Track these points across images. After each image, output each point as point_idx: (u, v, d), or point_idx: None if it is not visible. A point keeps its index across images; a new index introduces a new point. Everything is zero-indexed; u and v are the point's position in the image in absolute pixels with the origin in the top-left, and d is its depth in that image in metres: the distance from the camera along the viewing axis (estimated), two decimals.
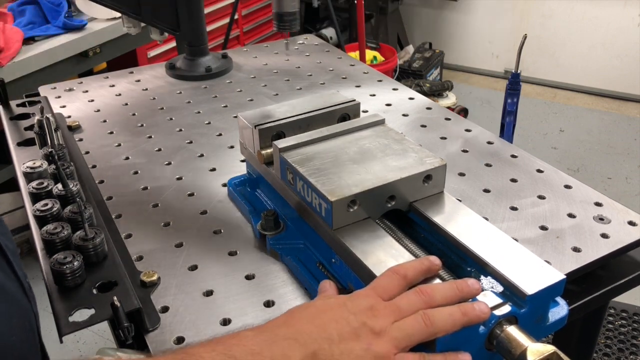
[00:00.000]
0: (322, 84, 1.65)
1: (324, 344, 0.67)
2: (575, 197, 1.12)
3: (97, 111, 1.51)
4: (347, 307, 0.71)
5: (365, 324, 0.69)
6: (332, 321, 0.69)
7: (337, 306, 0.72)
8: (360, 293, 0.75)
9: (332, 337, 0.68)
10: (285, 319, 0.71)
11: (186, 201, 1.15)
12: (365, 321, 0.69)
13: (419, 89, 3.77)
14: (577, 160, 3.73)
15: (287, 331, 0.69)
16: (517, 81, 1.52)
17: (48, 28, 2.65)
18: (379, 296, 0.73)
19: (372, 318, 0.70)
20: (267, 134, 1.02)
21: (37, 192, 1.05)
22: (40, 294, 0.84)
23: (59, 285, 0.86)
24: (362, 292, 0.75)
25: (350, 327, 0.69)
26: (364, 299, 0.73)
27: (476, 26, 4.81)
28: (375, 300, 0.72)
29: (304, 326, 0.69)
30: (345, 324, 0.69)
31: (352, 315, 0.70)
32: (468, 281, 0.74)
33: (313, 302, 0.75)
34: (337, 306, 0.72)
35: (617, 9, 4.22)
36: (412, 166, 0.91)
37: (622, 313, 2.02)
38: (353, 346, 0.67)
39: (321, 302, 0.74)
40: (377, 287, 0.74)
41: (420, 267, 0.77)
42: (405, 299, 0.73)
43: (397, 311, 0.71)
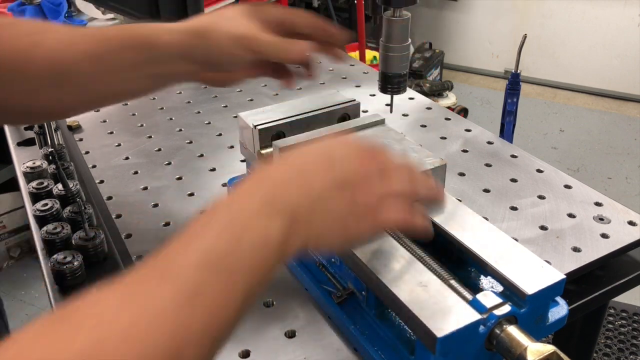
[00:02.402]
0: (322, 84, 1.65)
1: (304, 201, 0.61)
2: (575, 197, 1.12)
3: (97, 111, 1.51)
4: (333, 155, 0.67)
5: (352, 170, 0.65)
6: (315, 169, 0.64)
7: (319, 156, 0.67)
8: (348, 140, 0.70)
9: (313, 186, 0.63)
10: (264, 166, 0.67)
11: (186, 201, 1.15)
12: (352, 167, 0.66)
13: (419, 89, 3.77)
14: (577, 160, 3.73)
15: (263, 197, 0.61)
16: (517, 81, 1.52)
17: None
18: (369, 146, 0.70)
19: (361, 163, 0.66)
20: (267, 134, 1.02)
21: (37, 192, 1.05)
22: (40, 293, 0.84)
23: (59, 285, 0.86)
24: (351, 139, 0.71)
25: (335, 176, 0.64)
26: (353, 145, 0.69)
27: (476, 26, 4.81)
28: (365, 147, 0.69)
29: (282, 173, 0.64)
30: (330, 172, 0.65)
31: (338, 162, 0.66)
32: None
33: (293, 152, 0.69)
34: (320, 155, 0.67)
35: (617, 9, 4.22)
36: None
37: (622, 313, 2.02)
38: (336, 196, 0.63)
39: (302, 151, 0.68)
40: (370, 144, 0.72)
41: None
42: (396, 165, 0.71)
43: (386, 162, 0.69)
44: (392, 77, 0.87)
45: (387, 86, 0.88)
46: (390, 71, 0.87)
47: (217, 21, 0.81)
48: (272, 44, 0.81)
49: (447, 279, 0.78)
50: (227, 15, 0.82)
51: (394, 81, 0.88)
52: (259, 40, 0.80)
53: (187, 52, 0.81)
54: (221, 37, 0.80)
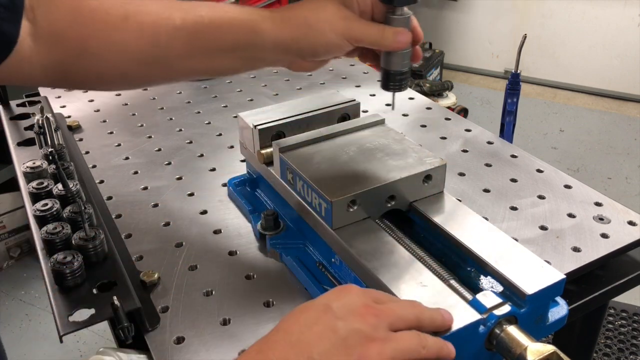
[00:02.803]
0: (322, 84, 1.65)
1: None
2: (575, 197, 1.12)
3: (97, 111, 1.51)
4: (333, 310, 0.63)
5: (356, 330, 0.61)
6: (314, 335, 0.60)
7: (320, 313, 0.63)
8: (350, 289, 0.67)
9: (313, 357, 0.59)
10: (259, 346, 0.62)
11: (186, 201, 1.15)
12: (357, 326, 0.61)
13: (419, 88, 3.77)
14: (577, 160, 3.73)
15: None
16: (517, 81, 1.52)
17: None
18: (370, 298, 0.66)
19: (365, 320, 0.62)
20: (267, 134, 1.02)
21: (37, 192, 1.05)
22: (40, 293, 0.84)
23: (59, 285, 0.86)
24: (354, 288, 0.67)
25: (337, 337, 0.60)
26: (355, 296, 0.65)
27: (476, 26, 4.81)
28: (367, 299, 0.65)
29: (279, 351, 0.60)
30: (331, 334, 0.60)
31: (340, 321, 0.61)
32: (446, 313, 0.69)
33: (293, 312, 0.65)
34: (321, 313, 0.63)
35: (617, 9, 4.22)
36: (412, 166, 0.91)
37: (622, 313, 2.02)
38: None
39: (301, 310, 0.64)
40: (371, 291, 0.69)
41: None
42: (399, 304, 0.67)
43: (392, 314, 0.64)
44: (394, 74, 0.87)
45: (389, 83, 0.88)
46: (392, 68, 0.86)
47: (315, 11, 0.80)
48: (374, 34, 0.80)
49: (447, 279, 0.78)
50: (322, 4, 0.80)
51: (395, 78, 0.87)
52: (361, 30, 0.80)
53: (288, 43, 0.81)
54: (324, 29, 0.79)
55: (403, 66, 0.86)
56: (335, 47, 0.81)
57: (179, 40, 0.80)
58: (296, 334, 0.61)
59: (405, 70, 0.87)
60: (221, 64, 0.86)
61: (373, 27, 0.81)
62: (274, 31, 0.80)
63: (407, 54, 0.86)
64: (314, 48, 0.82)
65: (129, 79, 0.86)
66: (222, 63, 0.86)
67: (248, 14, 0.81)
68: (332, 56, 0.85)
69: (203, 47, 0.81)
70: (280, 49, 0.82)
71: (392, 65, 0.86)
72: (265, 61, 0.87)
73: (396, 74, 0.87)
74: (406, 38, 0.82)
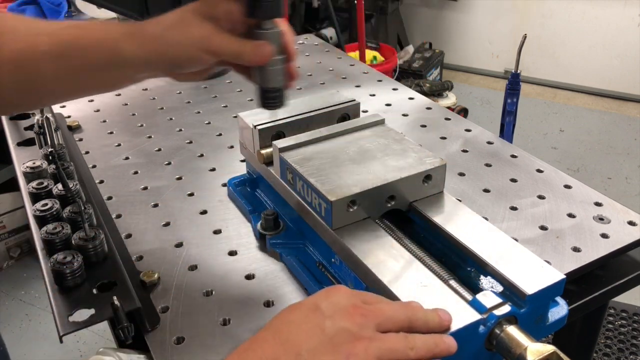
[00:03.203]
0: (322, 84, 1.65)
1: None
2: (575, 197, 1.12)
3: (97, 111, 1.51)
4: (321, 310, 0.64)
5: (344, 328, 0.62)
6: (303, 333, 0.62)
7: (308, 312, 0.64)
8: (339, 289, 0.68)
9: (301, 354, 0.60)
10: (248, 344, 0.63)
11: (186, 201, 1.15)
12: (344, 325, 0.62)
13: (419, 89, 3.77)
14: (577, 160, 3.73)
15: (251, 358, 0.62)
16: (517, 81, 1.52)
17: None
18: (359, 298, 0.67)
19: (352, 319, 0.63)
20: (266, 134, 1.02)
21: (37, 192, 1.05)
22: (40, 293, 0.84)
23: (59, 285, 0.86)
24: (343, 288, 0.68)
25: (325, 335, 0.61)
26: (343, 296, 0.66)
27: (476, 26, 4.81)
28: (356, 299, 0.66)
29: (268, 349, 0.61)
30: (319, 332, 0.62)
31: (328, 320, 0.63)
32: (445, 314, 0.69)
33: (283, 311, 0.67)
34: (309, 312, 0.64)
35: (617, 9, 4.22)
36: (412, 166, 0.91)
37: (622, 313, 2.02)
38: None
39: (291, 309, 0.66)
40: (361, 292, 0.70)
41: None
42: (389, 305, 0.67)
43: (380, 314, 0.65)
44: (267, 91, 0.86)
45: (264, 101, 0.88)
46: (264, 85, 0.86)
47: (174, 25, 0.80)
48: (234, 48, 0.80)
49: (447, 279, 0.78)
50: (183, 17, 0.80)
51: (269, 95, 0.87)
52: (221, 44, 0.80)
53: (151, 59, 0.81)
54: (183, 43, 0.79)
55: (276, 83, 0.85)
56: (196, 60, 0.81)
57: (47, 65, 0.81)
58: (285, 333, 0.63)
59: (279, 87, 0.86)
60: (90, 84, 0.87)
61: (234, 42, 0.80)
62: (135, 48, 0.80)
63: (279, 70, 0.85)
64: (176, 63, 0.82)
65: (12, 105, 0.88)
66: (91, 83, 0.87)
67: (109, 33, 0.82)
68: (199, 69, 0.84)
69: (69, 70, 0.82)
70: (144, 65, 0.82)
71: (263, 82, 0.86)
72: (135, 77, 0.87)
73: (269, 91, 0.86)
74: (266, 51, 0.81)
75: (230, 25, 0.81)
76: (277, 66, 0.84)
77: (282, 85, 0.87)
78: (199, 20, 0.79)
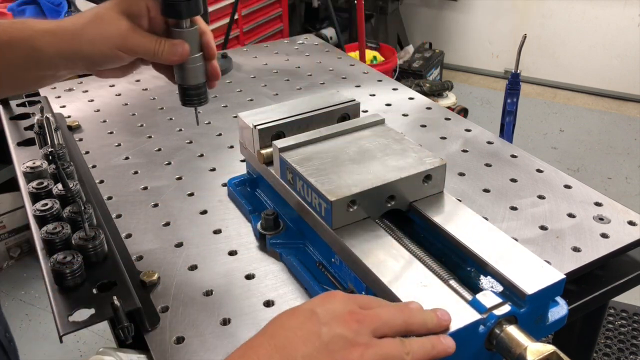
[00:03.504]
0: (322, 84, 1.65)
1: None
2: (575, 197, 1.12)
3: (97, 111, 1.51)
4: (317, 316, 0.64)
5: (339, 335, 0.62)
6: (298, 339, 0.62)
7: (305, 318, 0.64)
8: (336, 295, 0.68)
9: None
10: (243, 350, 0.63)
11: (186, 201, 1.15)
12: (340, 332, 0.62)
13: (419, 88, 3.77)
14: (577, 160, 3.73)
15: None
16: (517, 81, 1.52)
17: None
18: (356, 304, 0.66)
19: (348, 325, 0.63)
20: (267, 134, 1.02)
21: (37, 192, 1.05)
22: (40, 293, 0.84)
23: (59, 285, 0.86)
24: (339, 294, 0.68)
25: (321, 342, 0.61)
26: (339, 302, 0.66)
27: (476, 26, 4.81)
28: (352, 305, 0.66)
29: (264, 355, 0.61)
30: (315, 339, 0.61)
31: (324, 326, 0.62)
32: (444, 314, 0.69)
33: (279, 316, 0.66)
34: (306, 318, 0.64)
35: (617, 9, 4.22)
36: (412, 166, 0.91)
37: (622, 313, 2.02)
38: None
39: (287, 315, 0.66)
40: (358, 296, 0.69)
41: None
42: (386, 309, 0.67)
43: (377, 319, 0.65)
44: (188, 89, 0.87)
45: (185, 99, 0.89)
46: (184, 83, 0.87)
47: (92, 22, 0.80)
48: (149, 46, 0.80)
49: (447, 279, 0.78)
50: (100, 14, 0.80)
51: (190, 93, 0.88)
52: (135, 42, 0.80)
53: (68, 56, 0.81)
54: (96, 40, 0.79)
55: (195, 80, 0.86)
56: (110, 58, 0.81)
57: None
58: (281, 338, 0.62)
59: (200, 84, 0.87)
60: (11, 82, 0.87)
61: (150, 40, 0.80)
62: (52, 45, 0.80)
63: (198, 68, 0.85)
64: (91, 59, 0.82)
65: None
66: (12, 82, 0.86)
67: (26, 31, 0.81)
68: (116, 66, 0.84)
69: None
70: (62, 61, 0.82)
71: (183, 80, 0.86)
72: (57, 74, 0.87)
73: (190, 89, 0.87)
74: (182, 50, 0.82)
75: (149, 23, 0.81)
76: (196, 64, 0.85)
77: (203, 83, 0.87)
78: (116, 17, 0.79)
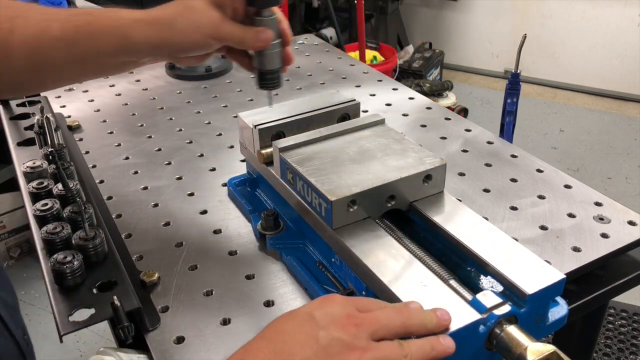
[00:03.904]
0: (322, 84, 1.65)
1: None
2: (575, 197, 1.12)
3: (97, 111, 1.51)
4: (315, 319, 0.64)
5: (337, 339, 0.62)
6: (297, 343, 0.62)
7: (303, 322, 0.64)
8: (334, 299, 0.68)
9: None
10: (241, 354, 0.63)
11: (186, 201, 1.15)
12: (338, 335, 0.62)
13: (419, 88, 3.77)
14: (577, 160, 3.73)
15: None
16: (517, 81, 1.52)
17: None
18: (354, 307, 0.67)
19: (346, 329, 0.63)
20: (267, 134, 1.02)
21: (37, 191, 1.05)
22: (40, 293, 0.84)
23: (59, 285, 0.86)
24: (337, 298, 0.68)
25: (319, 345, 0.61)
26: (337, 306, 0.66)
27: (476, 26, 4.81)
28: (350, 308, 0.66)
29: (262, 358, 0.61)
30: (313, 342, 0.62)
31: (322, 330, 0.63)
32: (444, 314, 0.69)
33: (277, 320, 0.66)
34: (304, 321, 0.64)
35: (617, 9, 4.22)
36: (412, 166, 0.91)
37: (622, 313, 2.02)
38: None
39: (285, 318, 0.66)
40: (356, 299, 0.70)
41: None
42: (384, 312, 0.67)
43: (375, 322, 0.65)
44: (265, 74, 0.95)
45: (262, 82, 0.97)
46: (263, 68, 0.94)
47: (182, 11, 0.85)
48: (238, 34, 0.87)
49: (447, 279, 0.78)
50: (191, 4, 0.86)
51: (267, 77, 0.96)
52: (226, 31, 0.86)
53: (158, 44, 0.86)
54: (190, 29, 0.85)
55: (273, 65, 0.94)
56: (201, 46, 0.88)
57: (59, 50, 0.85)
58: (279, 342, 0.63)
59: (276, 69, 0.94)
60: (97, 68, 0.93)
61: (238, 28, 0.87)
62: (144, 34, 0.85)
63: (277, 53, 0.93)
64: (182, 47, 0.88)
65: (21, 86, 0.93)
66: (98, 68, 0.93)
67: (119, 20, 0.86)
68: (202, 53, 0.91)
69: (81, 55, 0.86)
70: (151, 49, 0.88)
71: (262, 65, 0.94)
72: (141, 61, 0.93)
73: (267, 73, 0.95)
74: (267, 36, 0.89)
75: (233, 13, 0.87)
76: (275, 50, 0.92)
77: (279, 68, 0.95)
78: (208, 7, 0.85)
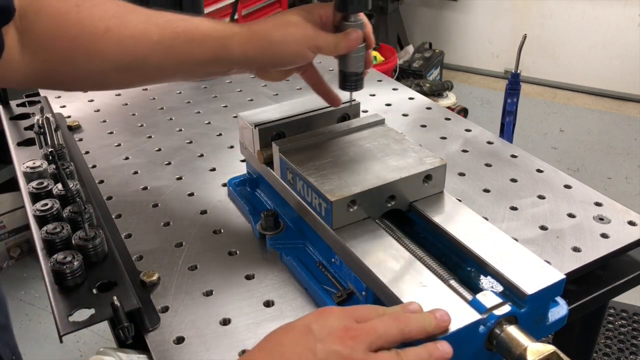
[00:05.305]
0: None
1: None
2: (575, 197, 1.12)
3: (97, 111, 1.51)
4: (313, 332, 0.64)
5: (335, 352, 0.62)
6: (295, 356, 0.62)
7: (301, 334, 0.64)
8: (331, 311, 0.68)
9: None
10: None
11: (186, 201, 1.15)
12: (335, 348, 0.62)
13: (419, 89, 3.77)
14: (577, 160, 3.73)
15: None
16: (517, 81, 1.52)
17: None
18: (352, 318, 0.67)
19: (343, 342, 0.63)
20: (267, 134, 1.02)
21: (37, 192, 1.05)
22: (40, 293, 0.84)
23: (59, 285, 0.86)
24: (335, 310, 0.69)
25: (316, 358, 0.62)
26: (335, 318, 0.66)
27: (476, 26, 4.81)
28: (347, 320, 0.66)
29: None
30: (311, 355, 0.62)
31: (320, 343, 0.63)
32: (443, 315, 0.69)
33: (275, 332, 0.67)
34: (301, 334, 0.64)
35: (617, 9, 4.22)
36: (412, 166, 0.91)
37: (622, 313, 2.02)
38: None
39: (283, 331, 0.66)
40: (354, 309, 0.70)
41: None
42: (382, 321, 0.67)
43: (372, 333, 0.65)
44: (349, 75, 0.97)
45: (346, 84, 0.98)
46: (347, 70, 0.97)
47: (279, 25, 0.89)
48: (331, 42, 0.91)
49: (447, 279, 0.78)
50: (287, 19, 0.90)
51: (351, 79, 0.98)
52: (321, 40, 0.90)
53: (254, 57, 0.90)
54: (288, 41, 0.89)
55: (357, 68, 0.96)
56: (300, 56, 0.91)
57: (155, 53, 0.87)
58: (278, 355, 0.63)
59: (360, 71, 0.97)
60: (190, 74, 0.98)
61: (331, 36, 0.91)
62: (242, 46, 0.88)
63: (361, 57, 0.95)
64: (279, 60, 0.91)
65: (107, 82, 0.95)
66: (194, 72, 0.96)
67: (219, 31, 0.88)
68: (296, 65, 0.95)
69: (177, 60, 0.89)
70: (246, 62, 0.91)
71: (347, 67, 0.96)
72: (232, 72, 0.96)
73: (351, 75, 0.97)
74: (357, 36, 0.92)
75: (322, 25, 0.92)
76: (360, 53, 0.95)
77: (362, 70, 0.98)
78: (303, 21, 0.90)
